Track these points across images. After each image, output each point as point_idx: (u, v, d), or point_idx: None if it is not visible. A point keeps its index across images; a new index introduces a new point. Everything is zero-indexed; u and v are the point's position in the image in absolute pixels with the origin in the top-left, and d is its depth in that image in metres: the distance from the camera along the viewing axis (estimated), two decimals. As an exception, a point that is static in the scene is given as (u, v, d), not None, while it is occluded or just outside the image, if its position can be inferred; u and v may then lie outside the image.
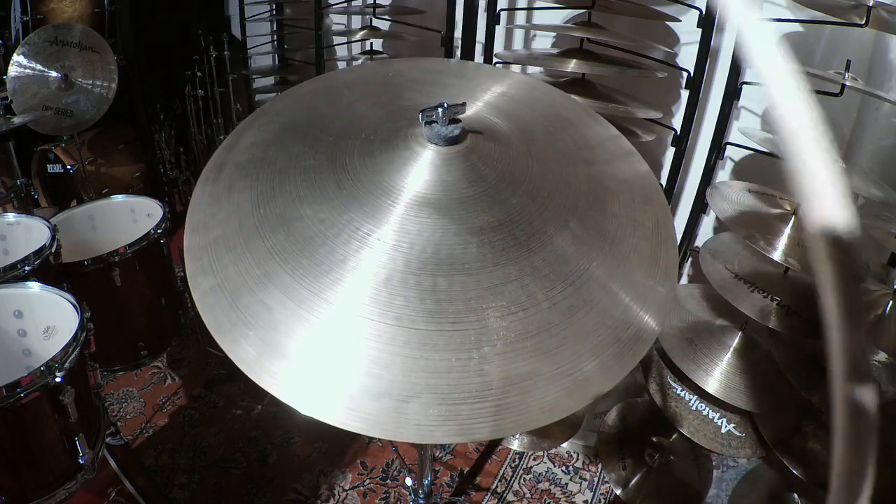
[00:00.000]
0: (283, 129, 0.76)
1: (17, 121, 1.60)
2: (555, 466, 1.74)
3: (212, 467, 1.65)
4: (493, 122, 0.76)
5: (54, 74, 1.84)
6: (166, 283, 1.69)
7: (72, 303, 1.11)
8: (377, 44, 2.36)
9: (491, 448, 1.79)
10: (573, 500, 1.64)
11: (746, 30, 0.28)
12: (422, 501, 1.16)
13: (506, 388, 0.53)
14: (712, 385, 1.33)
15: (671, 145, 1.71)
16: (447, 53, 2.05)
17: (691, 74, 1.59)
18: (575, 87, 1.58)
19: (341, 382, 0.53)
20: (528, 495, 1.65)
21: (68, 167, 2.20)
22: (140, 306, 1.61)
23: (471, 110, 0.75)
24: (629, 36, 1.70)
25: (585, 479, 1.70)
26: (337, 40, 2.64)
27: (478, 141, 0.70)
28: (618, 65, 1.51)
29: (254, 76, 2.91)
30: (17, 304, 1.14)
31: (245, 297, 0.58)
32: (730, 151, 1.71)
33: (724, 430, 1.42)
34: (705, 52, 1.54)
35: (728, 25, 1.53)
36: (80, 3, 2.26)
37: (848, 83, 1.18)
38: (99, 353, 1.15)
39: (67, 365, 0.98)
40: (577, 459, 1.77)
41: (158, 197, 1.96)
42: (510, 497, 1.65)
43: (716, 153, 1.63)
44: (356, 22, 2.55)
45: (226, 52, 2.53)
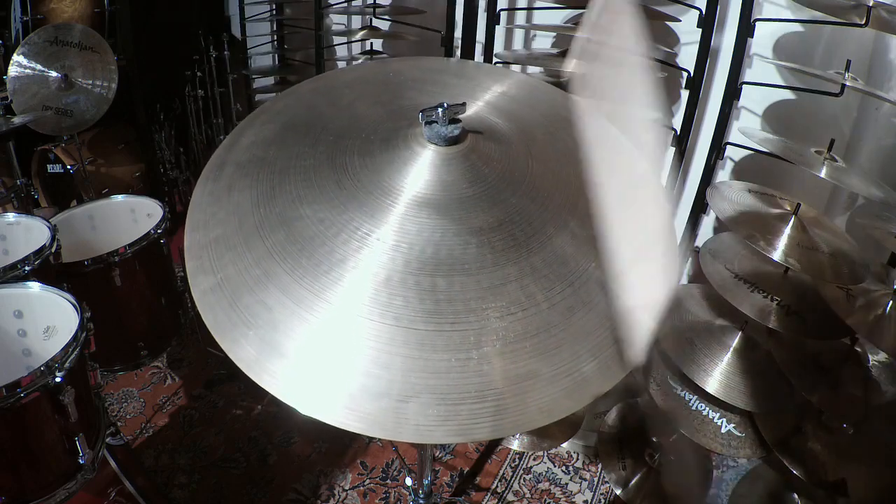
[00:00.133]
0: (283, 129, 0.76)
1: (17, 121, 1.60)
2: (555, 466, 1.74)
3: (212, 467, 1.65)
4: (494, 122, 0.76)
5: (54, 74, 1.84)
6: (166, 283, 1.69)
7: (72, 303, 1.11)
8: (377, 44, 2.36)
9: (491, 448, 1.79)
10: (573, 500, 1.64)
11: None
12: (422, 501, 1.16)
13: (505, 388, 0.53)
14: (712, 385, 1.33)
15: (671, 145, 1.71)
16: (447, 53, 2.05)
17: (691, 74, 1.59)
18: (575, 87, 1.58)
19: (341, 382, 0.53)
20: (528, 495, 1.65)
21: (68, 167, 2.20)
22: (140, 306, 1.61)
23: (471, 110, 0.75)
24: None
25: (585, 479, 1.70)
26: (337, 40, 2.64)
27: (478, 141, 0.70)
28: (618, 65, 1.51)
29: (254, 76, 2.91)
30: (17, 304, 1.14)
31: (245, 296, 0.58)
32: (730, 151, 1.70)
33: (724, 430, 1.42)
34: (705, 52, 1.54)
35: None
36: (80, 3, 2.26)
37: (848, 83, 1.18)
38: (99, 353, 1.15)
39: (67, 365, 0.98)
40: (577, 459, 1.77)
41: (158, 197, 1.96)
42: (510, 497, 1.65)
43: (716, 153, 1.63)
44: (356, 22, 2.55)
45: (226, 52, 2.53)
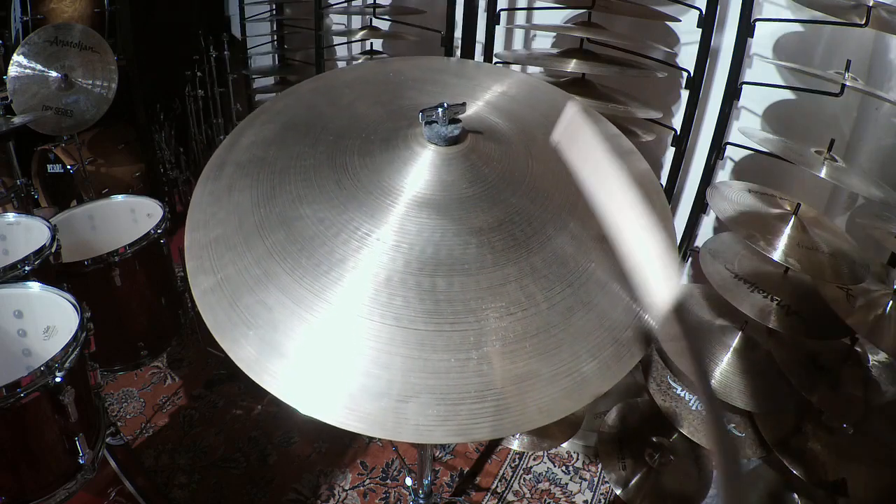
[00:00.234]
0: (283, 129, 0.76)
1: (17, 121, 1.60)
2: (555, 466, 1.74)
3: (212, 467, 1.65)
4: (494, 122, 0.76)
5: (54, 74, 1.84)
6: (166, 283, 1.69)
7: (72, 303, 1.11)
8: (377, 44, 2.36)
9: (491, 448, 1.79)
10: (573, 500, 1.64)
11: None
12: (422, 501, 1.16)
13: (505, 388, 0.53)
14: (712, 385, 1.33)
15: (671, 145, 1.71)
16: (447, 53, 2.05)
17: (691, 74, 1.59)
18: (575, 87, 1.58)
19: (341, 382, 0.53)
20: (528, 495, 1.65)
21: (68, 167, 2.20)
22: (140, 306, 1.61)
23: (471, 110, 0.75)
24: (629, 36, 1.70)
25: (585, 479, 1.70)
26: (337, 40, 2.64)
27: (478, 141, 0.70)
28: (618, 65, 1.51)
29: (254, 76, 2.91)
30: (17, 304, 1.14)
31: (245, 296, 0.58)
32: (730, 151, 1.70)
33: (724, 430, 1.42)
34: (705, 52, 1.54)
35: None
36: (80, 3, 2.26)
37: (848, 83, 1.18)
38: (99, 353, 1.15)
39: (67, 365, 0.98)
40: (577, 459, 1.77)
41: (158, 197, 1.96)
42: (510, 497, 1.65)
43: (716, 153, 1.63)
44: (356, 22, 2.55)
45: (226, 52, 2.53)
